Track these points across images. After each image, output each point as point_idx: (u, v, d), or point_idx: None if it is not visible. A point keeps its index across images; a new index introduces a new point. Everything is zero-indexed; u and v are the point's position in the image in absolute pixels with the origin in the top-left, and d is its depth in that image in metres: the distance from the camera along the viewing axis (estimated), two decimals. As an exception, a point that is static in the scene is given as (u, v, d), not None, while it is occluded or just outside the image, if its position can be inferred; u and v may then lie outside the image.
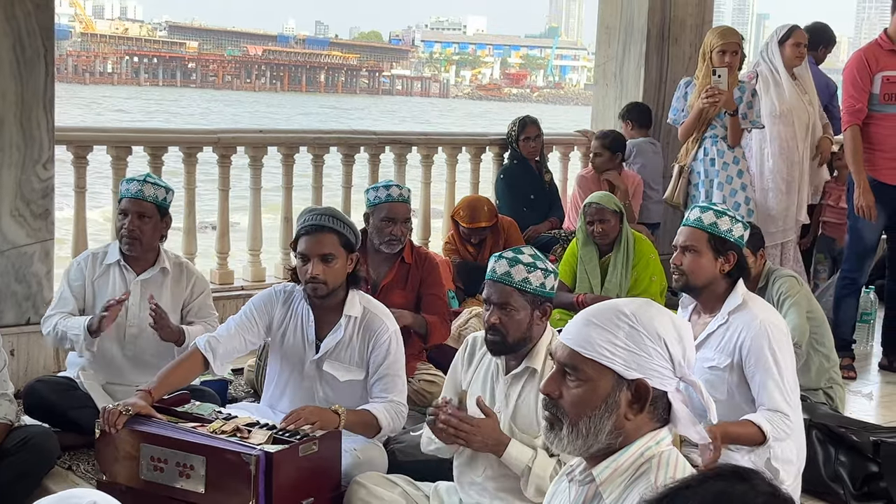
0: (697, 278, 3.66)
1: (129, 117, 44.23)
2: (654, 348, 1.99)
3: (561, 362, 2.03)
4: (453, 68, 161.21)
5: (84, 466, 4.09)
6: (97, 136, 6.01)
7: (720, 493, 1.45)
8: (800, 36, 6.42)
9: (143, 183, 4.28)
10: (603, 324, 2.00)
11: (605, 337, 1.98)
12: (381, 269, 4.84)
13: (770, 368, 3.52)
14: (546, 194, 6.99)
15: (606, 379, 1.98)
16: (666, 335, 2.01)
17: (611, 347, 1.98)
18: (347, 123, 40.13)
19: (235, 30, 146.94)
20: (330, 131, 7.29)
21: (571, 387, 2.00)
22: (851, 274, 6.03)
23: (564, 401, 2.01)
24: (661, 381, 2.00)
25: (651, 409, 2.01)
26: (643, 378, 1.98)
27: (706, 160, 6.18)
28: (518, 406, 3.20)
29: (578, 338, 2.01)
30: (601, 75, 7.77)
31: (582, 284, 5.71)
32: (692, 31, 7.45)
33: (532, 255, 3.21)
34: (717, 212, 3.65)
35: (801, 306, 4.63)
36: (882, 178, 5.77)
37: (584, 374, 1.99)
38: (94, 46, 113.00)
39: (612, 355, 1.97)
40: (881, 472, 4.12)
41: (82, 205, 5.79)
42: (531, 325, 3.16)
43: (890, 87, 5.73)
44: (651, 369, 1.99)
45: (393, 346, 3.77)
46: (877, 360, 6.23)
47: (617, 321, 2.00)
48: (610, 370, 1.98)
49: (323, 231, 3.70)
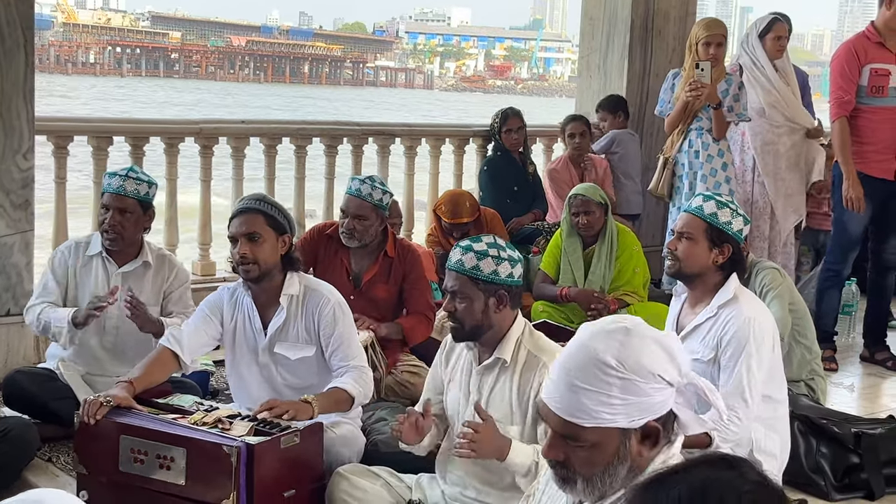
0: (689, 266, 3.65)
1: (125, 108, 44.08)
2: (652, 387, 1.87)
3: (558, 432, 1.90)
4: (437, 60, 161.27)
5: (64, 458, 4.06)
6: (78, 127, 5.97)
7: (708, 478, 1.45)
8: (780, 29, 6.43)
9: (125, 178, 4.23)
10: (591, 385, 1.85)
11: (597, 399, 1.85)
12: (364, 263, 4.82)
13: (740, 365, 3.52)
14: (530, 186, 6.98)
15: (612, 436, 1.87)
16: (657, 367, 1.88)
17: (608, 409, 1.85)
18: (333, 114, 40.03)
19: (219, 20, 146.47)
20: (313, 122, 7.26)
21: (577, 451, 1.88)
22: (835, 266, 6.05)
23: (572, 462, 1.90)
24: (665, 405, 1.89)
25: (665, 436, 1.92)
26: (650, 420, 1.87)
27: (690, 152, 6.19)
28: (491, 397, 3.20)
29: (570, 407, 1.87)
30: (585, 67, 7.77)
31: (565, 276, 5.71)
32: (676, 22, 7.46)
33: (489, 243, 3.18)
34: (720, 202, 3.64)
35: (783, 298, 4.64)
36: (869, 171, 5.78)
37: (588, 440, 1.87)
38: (76, 36, 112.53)
39: (613, 415, 1.85)
40: (862, 464, 4.14)
41: (62, 195, 5.74)
42: (486, 313, 3.15)
43: (878, 79, 5.74)
44: (654, 405, 1.87)
45: (338, 313, 3.78)
46: (858, 352, 6.26)
47: (605, 377, 1.85)
48: (614, 428, 1.86)
49: (248, 212, 3.73)
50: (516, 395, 3.14)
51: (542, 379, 3.07)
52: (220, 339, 3.89)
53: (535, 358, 3.14)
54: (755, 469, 1.47)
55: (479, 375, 3.24)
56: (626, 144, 7.20)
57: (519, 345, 3.18)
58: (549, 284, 5.75)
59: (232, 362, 3.91)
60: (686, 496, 1.42)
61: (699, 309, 3.71)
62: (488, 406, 3.18)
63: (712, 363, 3.61)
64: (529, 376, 3.12)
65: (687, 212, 3.70)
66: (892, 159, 5.81)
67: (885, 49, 5.77)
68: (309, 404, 3.53)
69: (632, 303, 5.66)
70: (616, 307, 5.61)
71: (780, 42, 6.44)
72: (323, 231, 4.97)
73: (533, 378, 3.11)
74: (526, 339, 3.20)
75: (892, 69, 5.74)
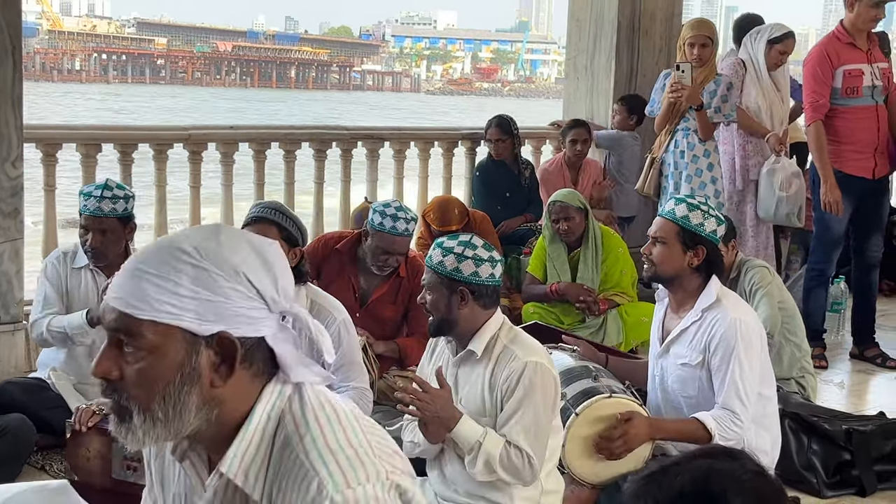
0: (664, 270, 3.67)
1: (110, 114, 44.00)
2: (234, 288, 1.52)
3: (112, 329, 1.53)
4: (424, 63, 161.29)
5: (57, 466, 4.05)
6: (66, 134, 5.96)
7: (709, 468, 1.45)
8: (790, 45, 6.46)
9: (100, 199, 4.15)
10: (158, 270, 1.51)
11: (163, 287, 1.50)
12: (373, 282, 4.80)
13: (732, 367, 3.53)
14: (523, 191, 6.92)
15: (177, 342, 1.51)
16: (246, 267, 1.55)
17: (174, 301, 1.50)
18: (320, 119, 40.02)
19: (204, 26, 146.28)
20: (301, 126, 7.26)
21: (132, 362, 1.52)
22: (819, 265, 6.07)
23: (127, 384, 1.53)
24: (253, 326, 1.55)
25: (248, 366, 1.56)
26: (225, 330, 1.52)
27: (676, 152, 6.20)
28: (465, 390, 3.21)
29: (129, 295, 1.51)
30: (572, 69, 7.78)
31: (552, 281, 5.72)
32: (662, 23, 7.47)
33: (461, 241, 3.19)
34: (691, 205, 3.64)
35: (772, 297, 4.66)
36: (848, 170, 5.80)
37: (146, 342, 1.51)
38: (61, 44, 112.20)
39: (179, 310, 1.50)
40: (853, 461, 4.15)
41: (52, 203, 5.73)
42: (450, 308, 3.16)
43: (851, 80, 5.76)
44: (236, 315, 1.52)
45: (343, 334, 3.79)
46: (848, 349, 6.29)
47: (176, 263, 1.52)
48: (178, 329, 1.51)
49: (262, 222, 3.69)
50: (488, 387, 3.15)
51: (511, 369, 3.09)
52: None
53: (509, 350, 3.14)
54: (754, 460, 1.49)
55: (454, 368, 3.27)
56: (628, 147, 7.19)
57: (494, 340, 3.19)
58: (538, 284, 5.76)
59: None
60: (689, 485, 1.43)
61: (683, 313, 3.71)
62: (462, 399, 3.20)
63: (701, 367, 3.62)
64: (501, 368, 3.13)
65: (660, 216, 3.72)
66: (870, 158, 5.84)
67: (856, 49, 5.79)
68: None
69: (622, 303, 5.68)
70: (606, 307, 5.62)
71: (784, 57, 6.45)
72: (331, 244, 4.93)
73: (504, 368, 3.12)
74: (503, 334, 3.20)
75: (864, 69, 5.77)
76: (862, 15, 5.73)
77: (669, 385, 3.78)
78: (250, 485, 1.54)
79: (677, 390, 3.74)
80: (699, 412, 3.56)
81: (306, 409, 1.56)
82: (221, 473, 1.55)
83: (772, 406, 3.80)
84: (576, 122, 7.01)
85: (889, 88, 5.88)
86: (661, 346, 3.80)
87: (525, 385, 3.07)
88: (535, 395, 3.08)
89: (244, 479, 1.54)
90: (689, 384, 3.68)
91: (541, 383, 3.09)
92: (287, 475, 1.51)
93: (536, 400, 3.08)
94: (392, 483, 1.49)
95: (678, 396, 3.75)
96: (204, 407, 1.53)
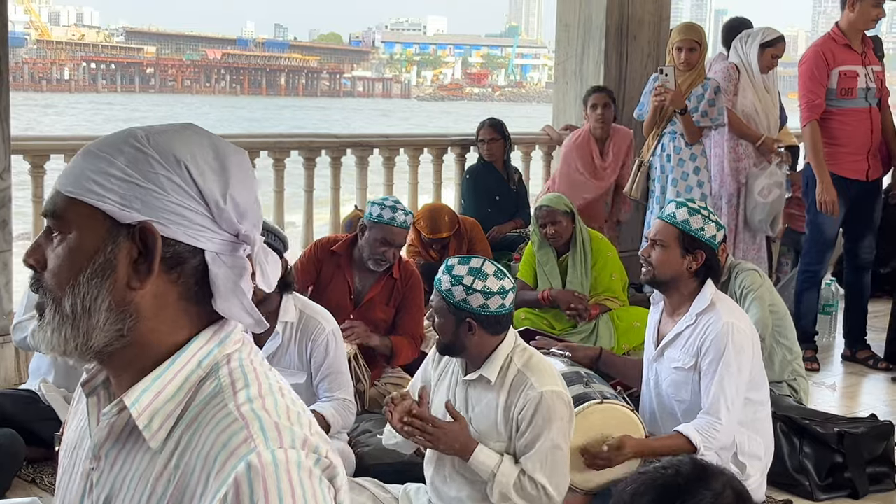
0: (663, 273, 3.67)
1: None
2: (170, 178, 1.32)
3: (45, 214, 1.37)
4: (414, 69, 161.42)
5: (48, 479, 4.04)
6: (54, 145, 5.93)
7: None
8: (781, 49, 6.48)
9: None
10: (101, 150, 1.34)
11: (98, 166, 1.33)
12: (367, 282, 4.82)
13: (720, 371, 3.54)
14: (512, 195, 6.96)
15: (95, 226, 1.32)
16: (191, 160, 1.34)
17: (103, 180, 1.32)
18: (311, 126, 39.99)
19: (194, 34, 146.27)
20: (290, 134, 7.25)
21: (53, 247, 1.34)
22: (812, 267, 6.08)
23: (46, 272, 1.35)
24: (189, 231, 1.33)
25: (174, 278, 1.33)
26: (149, 221, 1.31)
27: (663, 156, 6.22)
28: (478, 412, 3.19)
29: (69, 175, 1.35)
30: (561, 73, 7.79)
31: (543, 286, 5.71)
32: (650, 27, 7.49)
33: (472, 268, 3.11)
34: (692, 209, 3.65)
35: (763, 300, 4.66)
36: (842, 172, 5.81)
37: (66, 224, 1.33)
38: (50, 53, 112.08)
39: (105, 191, 1.31)
40: (846, 463, 4.16)
41: (40, 215, 5.69)
42: (458, 335, 3.12)
43: (847, 81, 5.78)
44: (165, 210, 1.31)
45: (331, 344, 3.78)
46: (839, 352, 6.29)
47: (120, 145, 1.35)
48: (100, 213, 1.32)
49: None
50: (502, 413, 3.12)
51: (527, 399, 3.07)
52: None
53: (523, 377, 3.11)
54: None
55: (464, 387, 3.24)
56: None
57: (508, 363, 3.15)
58: (529, 290, 5.75)
59: None
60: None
61: (678, 317, 3.72)
62: (473, 420, 3.18)
63: (693, 370, 3.63)
64: (516, 396, 3.10)
65: (660, 219, 3.72)
66: (864, 160, 5.85)
67: (851, 51, 5.82)
68: None
69: (613, 307, 5.67)
70: (598, 312, 5.62)
71: (775, 61, 6.47)
72: (327, 247, 4.94)
73: (519, 397, 3.09)
74: (517, 357, 3.16)
75: (859, 70, 5.79)
76: (863, 14, 5.75)
77: (664, 389, 3.78)
78: (151, 431, 1.31)
79: (671, 394, 3.74)
80: (682, 426, 3.56)
81: (246, 368, 1.37)
82: (123, 406, 1.31)
83: (764, 410, 3.81)
84: (596, 87, 6.98)
85: (882, 91, 5.91)
86: (655, 349, 3.80)
87: (542, 416, 3.05)
88: (552, 426, 3.06)
89: (147, 422, 1.31)
90: (682, 388, 3.68)
91: (557, 414, 3.07)
92: (205, 426, 1.30)
93: (553, 430, 3.07)
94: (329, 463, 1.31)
95: (672, 401, 3.75)
96: (117, 311, 1.31)
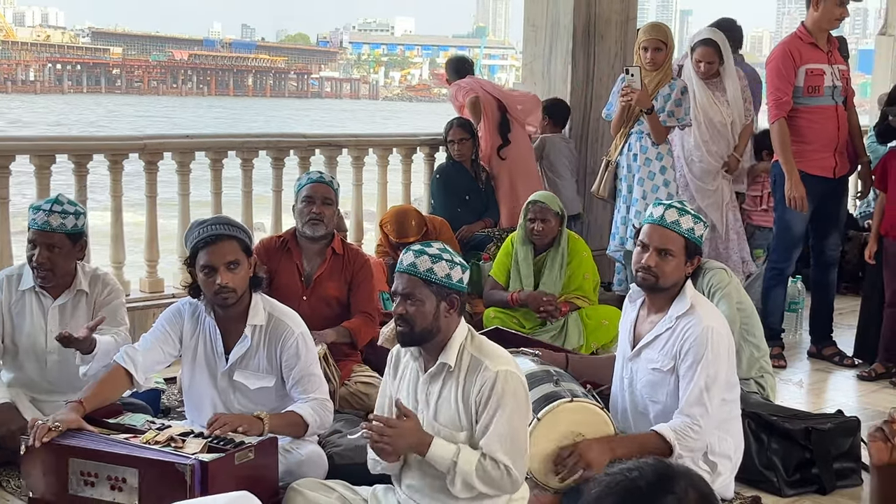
0: (667, 281, 3.64)
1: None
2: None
3: None
4: (382, 69, 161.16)
5: (15, 482, 3.98)
6: (19, 146, 5.87)
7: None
8: (701, 53, 6.43)
9: (49, 213, 4.04)
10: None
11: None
12: (315, 262, 4.85)
13: (699, 374, 3.55)
14: (482, 195, 6.98)
15: None
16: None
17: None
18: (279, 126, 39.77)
19: (160, 35, 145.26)
20: (258, 135, 7.18)
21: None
22: (779, 265, 6.12)
23: None
24: None
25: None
26: None
27: (629, 155, 6.25)
28: (439, 404, 3.20)
29: None
30: (529, 74, 7.80)
31: (515, 284, 5.73)
32: (617, 27, 7.51)
33: (440, 248, 3.19)
34: (695, 217, 3.65)
35: (731, 297, 4.68)
36: (809, 169, 5.85)
37: None
38: (15, 54, 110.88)
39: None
40: (813, 459, 4.18)
41: (5, 216, 5.65)
42: (437, 316, 3.14)
43: (813, 79, 5.82)
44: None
45: (301, 347, 3.76)
46: (806, 349, 6.34)
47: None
48: None
49: (223, 239, 3.65)
50: (461, 400, 3.14)
51: (483, 379, 3.09)
52: (176, 356, 3.84)
53: (478, 361, 3.14)
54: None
55: (425, 384, 3.24)
56: (556, 149, 7.26)
57: (462, 350, 3.18)
58: (500, 290, 5.76)
59: (190, 380, 3.86)
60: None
61: (657, 317, 3.72)
62: (437, 414, 3.19)
63: (671, 373, 3.64)
64: (472, 379, 3.13)
65: (661, 226, 3.65)
66: (831, 157, 5.90)
67: (817, 49, 5.86)
68: (260, 420, 3.53)
69: (582, 306, 5.69)
70: (567, 310, 5.63)
71: (699, 66, 6.43)
72: (274, 240, 4.97)
73: (476, 379, 3.12)
74: (469, 344, 3.20)
75: (826, 69, 5.84)
76: (827, 14, 5.78)
77: (638, 389, 3.78)
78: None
79: (646, 395, 3.75)
80: (659, 425, 3.57)
81: None
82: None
83: (735, 409, 3.83)
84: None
85: (847, 90, 5.96)
86: (632, 349, 3.80)
87: (498, 395, 3.07)
88: (507, 404, 3.08)
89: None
90: (659, 390, 3.69)
91: (512, 391, 3.09)
92: None
93: (509, 408, 3.08)
94: None
95: (646, 401, 3.75)
96: None
